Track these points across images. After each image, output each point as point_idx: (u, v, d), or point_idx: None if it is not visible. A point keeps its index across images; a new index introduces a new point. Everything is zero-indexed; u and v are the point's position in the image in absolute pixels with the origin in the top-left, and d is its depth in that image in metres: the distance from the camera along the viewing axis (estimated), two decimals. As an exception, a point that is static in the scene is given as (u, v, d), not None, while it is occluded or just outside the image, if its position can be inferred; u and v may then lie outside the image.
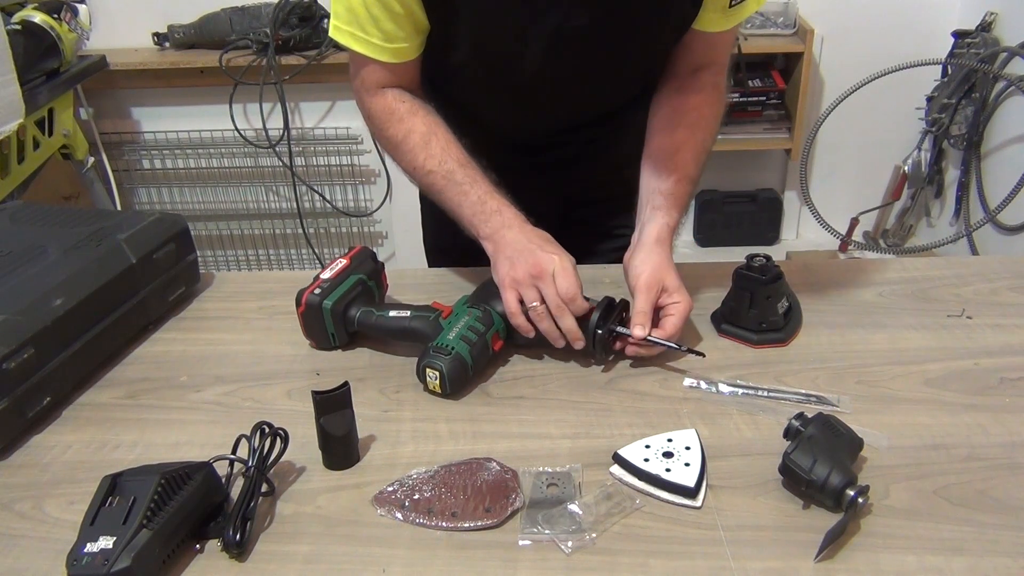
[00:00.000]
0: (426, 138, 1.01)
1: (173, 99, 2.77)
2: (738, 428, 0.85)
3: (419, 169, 1.02)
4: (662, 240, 0.98)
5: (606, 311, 0.94)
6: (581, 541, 0.72)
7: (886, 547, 0.70)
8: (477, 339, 0.92)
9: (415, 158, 1.02)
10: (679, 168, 1.02)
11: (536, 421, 0.88)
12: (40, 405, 0.89)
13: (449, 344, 0.91)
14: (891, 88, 2.51)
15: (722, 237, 2.99)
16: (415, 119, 1.02)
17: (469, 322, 0.93)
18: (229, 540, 0.71)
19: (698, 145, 1.04)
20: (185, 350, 1.03)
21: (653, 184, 1.02)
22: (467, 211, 0.99)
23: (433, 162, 1.00)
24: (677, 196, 1.01)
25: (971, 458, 0.80)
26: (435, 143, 1.01)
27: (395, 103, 1.03)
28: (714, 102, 1.07)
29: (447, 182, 1.00)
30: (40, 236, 1.04)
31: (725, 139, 2.70)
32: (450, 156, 1.00)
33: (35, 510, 0.78)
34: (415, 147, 1.02)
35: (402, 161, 1.05)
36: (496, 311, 0.96)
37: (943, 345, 0.98)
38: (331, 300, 0.98)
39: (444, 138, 1.02)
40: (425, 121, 1.03)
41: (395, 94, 1.04)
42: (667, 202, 1.00)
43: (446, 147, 1.01)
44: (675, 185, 1.01)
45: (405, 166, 1.05)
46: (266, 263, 3.05)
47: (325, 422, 0.80)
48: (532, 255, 0.93)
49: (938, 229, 2.83)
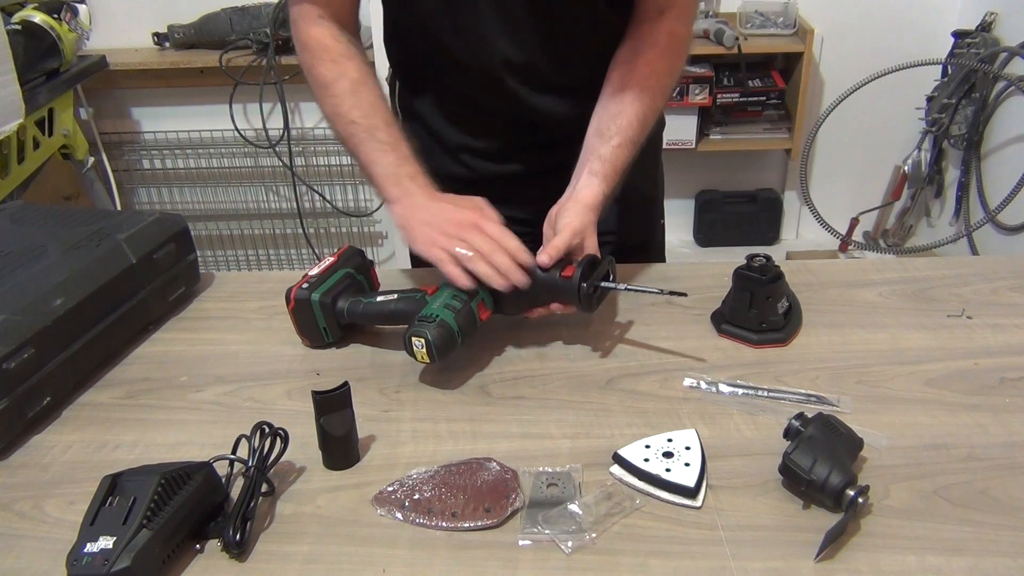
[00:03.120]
0: (356, 86, 1.00)
1: (173, 99, 2.77)
2: (738, 428, 0.85)
3: (342, 116, 1.01)
4: (595, 207, 0.97)
5: (589, 267, 0.93)
6: (581, 541, 0.72)
7: (886, 547, 0.70)
8: (461, 306, 0.92)
9: (340, 103, 1.00)
10: (622, 131, 1.00)
11: (536, 421, 0.88)
12: (40, 405, 0.89)
13: (433, 313, 0.91)
14: (891, 88, 2.51)
15: (722, 237, 2.99)
16: (349, 64, 1.02)
17: (452, 293, 0.94)
18: (229, 540, 0.71)
19: (645, 107, 1.01)
20: (185, 350, 1.03)
21: (595, 144, 1.01)
22: (380, 170, 0.99)
23: (358, 113, 1.00)
24: (616, 163, 0.99)
25: (971, 458, 0.80)
26: (364, 94, 1.00)
27: (331, 41, 1.02)
28: (670, 55, 1.03)
29: (368, 136, 0.99)
30: (40, 236, 1.04)
31: (725, 139, 2.71)
32: (377, 112, 1.00)
33: (35, 510, 0.78)
34: (343, 93, 1.00)
35: (326, 104, 1.03)
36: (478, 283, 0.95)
37: (943, 345, 0.98)
38: (319, 293, 0.98)
39: (374, 92, 1.01)
40: (359, 69, 1.02)
41: (333, 31, 1.03)
42: (605, 168, 0.99)
43: (375, 102, 1.00)
44: (616, 151, 0.99)
45: (328, 110, 1.03)
46: (266, 263, 3.05)
47: (325, 422, 0.80)
48: (448, 212, 0.94)
49: (938, 229, 2.83)
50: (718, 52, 2.53)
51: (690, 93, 2.59)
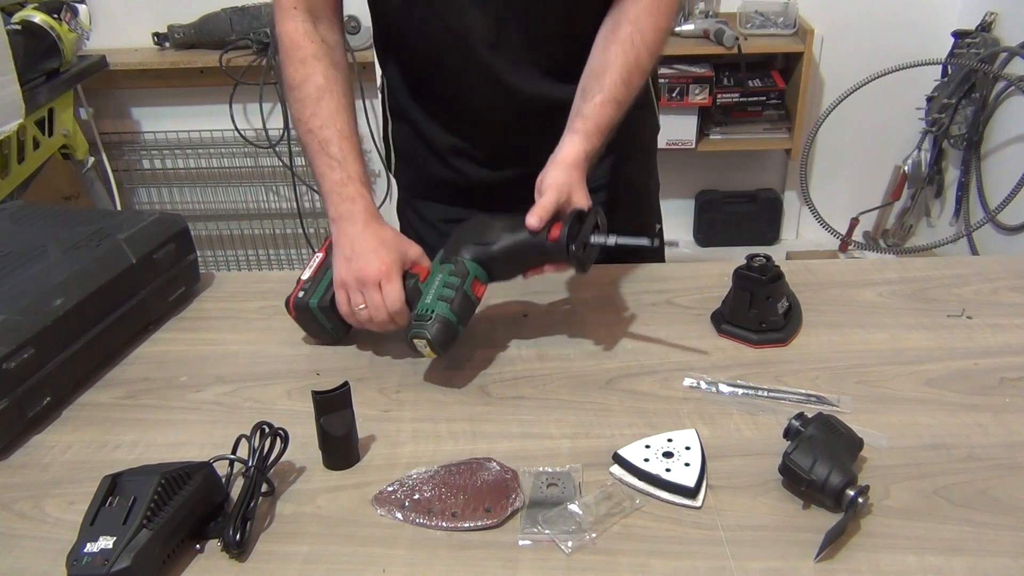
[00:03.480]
0: (320, 93, 0.99)
1: (173, 99, 2.77)
2: (738, 428, 0.85)
3: (302, 123, 1.00)
4: (578, 165, 0.95)
5: (575, 223, 0.91)
6: (581, 541, 0.72)
7: (886, 547, 0.70)
8: (455, 294, 0.92)
9: (303, 109, 1.00)
10: (605, 89, 0.97)
11: (536, 421, 0.88)
12: (40, 405, 0.89)
13: (428, 309, 0.91)
14: (891, 88, 2.51)
15: (722, 237, 2.99)
16: (317, 66, 1.00)
17: (444, 279, 0.93)
18: (229, 540, 0.71)
19: (629, 64, 0.98)
20: (185, 350, 1.03)
21: (578, 104, 0.99)
22: (326, 187, 0.98)
23: (316, 122, 0.98)
24: (599, 120, 0.97)
25: (971, 458, 0.80)
26: (327, 102, 0.99)
27: (303, 39, 1.01)
28: (655, 11, 1.01)
29: (320, 149, 0.98)
30: (40, 236, 1.04)
31: (725, 139, 2.71)
32: (334, 124, 0.98)
33: (35, 510, 0.78)
34: (306, 99, 0.99)
35: (291, 107, 1.03)
36: (468, 259, 0.95)
37: (943, 345, 0.98)
38: (316, 297, 0.98)
39: (337, 100, 1.00)
40: (326, 74, 1.00)
41: (306, 28, 1.01)
42: (586, 126, 0.96)
43: (335, 112, 0.99)
44: (598, 108, 0.97)
45: (292, 113, 1.03)
46: (266, 263, 3.05)
47: (325, 422, 0.80)
48: (362, 259, 0.93)
49: (938, 229, 2.83)
50: (718, 52, 2.53)
51: (690, 93, 2.59)
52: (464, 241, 0.96)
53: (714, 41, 2.53)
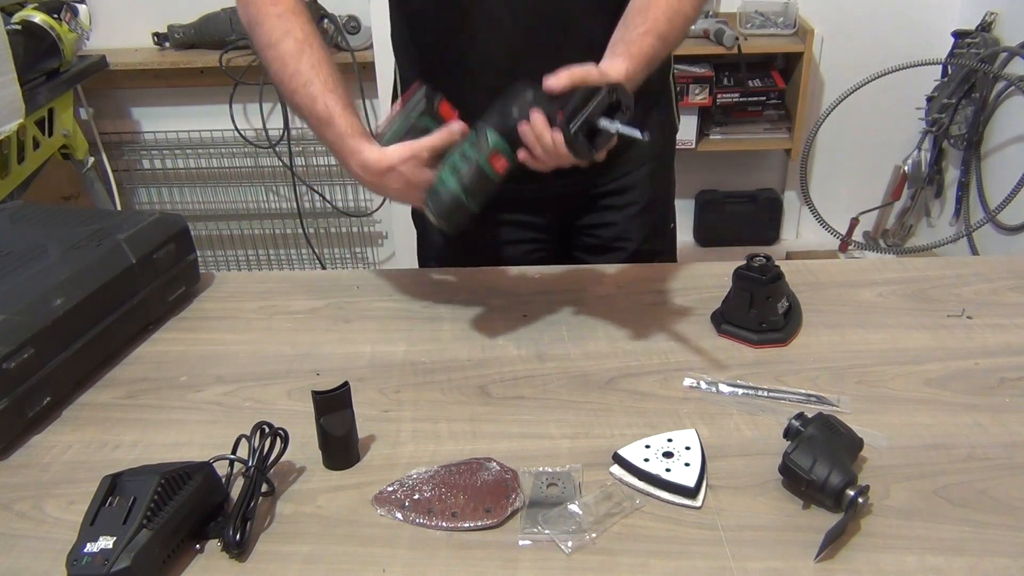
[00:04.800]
0: (300, 47, 0.97)
1: (173, 99, 2.77)
2: (738, 428, 0.85)
3: (285, 84, 0.98)
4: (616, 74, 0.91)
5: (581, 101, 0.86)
6: (581, 541, 0.72)
7: (886, 547, 0.70)
8: (467, 166, 0.90)
9: (283, 68, 0.97)
10: (649, 21, 0.95)
11: (536, 421, 0.88)
12: (40, 405, 0.89)
13: (440, 180, 0.90)
14: (891, 88, 2.51)
15: (722, 237, 2.99)
16: (295, 20, 0.98)
17: (462, 150, 0.91)
18: (229, 540, 0.71)
19: (672, 5, 0.97)
20: (185, 350, 1.03)
21: (620, 33, 0.97)
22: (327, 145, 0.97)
23: (299, 80, 0.96)
24: (641, 46, 0.94)
25: (971, 458, 0.80)
26: (307, 57, 0.97)
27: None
28: None
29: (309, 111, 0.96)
30: (40, 236, 1.04)
31: (725, 139, 2.71)
32: (317, 77, 0.96)
33: (35, 510, 0.78)
34: (287, 54, 0.97)
35: (270, 67, 1.00)
36: (490, 129, 0.90)
37: (943, 345, 0.98)
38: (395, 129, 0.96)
39: (318, 53, 0.97)
40: (304, 28, 0.98)
41: None
42: (629, 49, 0.94)
43: (316, 64, 0.97)
44: (641, 37, 0.95)
45: (272, 74, 1.00)
46: (266, 263, 3.05)
47: (325, 422, 0.80)
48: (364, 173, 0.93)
49: (938, 229, 2.83)
50: (718, 52, 2.52)
51: (690, 93, 2.59)
52: (494, 109, 0.92)
53: (714, 41, 2.53)
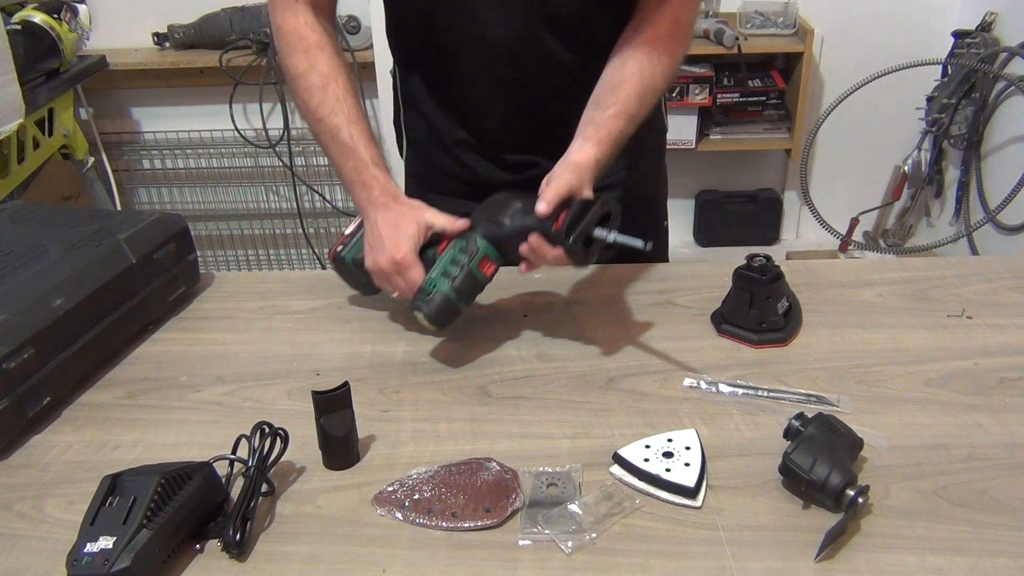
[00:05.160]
0: (325, 80, 1.00)
1: (173, 99, 2.77)
2: (738, 428, 0.85)
3: (311, 114, 1.01)
4: (588, 166, 0.94)
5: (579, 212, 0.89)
6: (581, 541, 0.72)
7: (886, 547, 0.70)
8: (459, 271, 0.93)
9: (310, 99, 1.01)
10: (619, 102, 0.98)
11: (536, 421, 0.88)
12: (40, 405, 0.89)
13: (431, 284, 0.94)
14: (891, 88, 2.51)
15: (722, 237, 2.99)
16: (320, 55, 1.01)
17: (452, 255, 0.95)
18: (229, 540, 0.71)
19: (644, 82, 1.00)
20: (185, 350, 1.03)
21: (591, 114, 1.00)
22: (343, 177, 1.01)
23: (324, 110, 0.99)
24: (611, 130, 0.97)
25: (971, 458, 0.80)
26: (332, 89, 1.00)
27: (306, 29, 1.01)
28: (672, 39, 1.03)
29: (331, 139, 1.00)
30: (40, 236, 1.04)
31: (725, 139, 2.71)
32: (342, 109, 0.99)
33: (35, 510, 0.78)
34: (312, 87, 1.00)
35: (297, 97, 1.03)
36: (479, 236, 0.95)
37: (943, 345, 0.98)
38: (351, 253, 1.03)
39: (343, 87, 1.00)
40: (329, 62, 1.01)
41: (308, 19, 1.02)
42: (599, 134, 0.97)
43: (341, 97, 1.00)
44: (611, 119, 0.98)
45: (299, 104, 1.04)
46: (266, 263, 3.05)
47: (325, 422, 0.80)
48: (380, 251, 0.96)
49: (938, 229, 2.83)
50: (718, 52, 2.53)
51: (690, 93, 2.59)
52: (481, 217, 0.97)
53: (714, 41, 2.53)
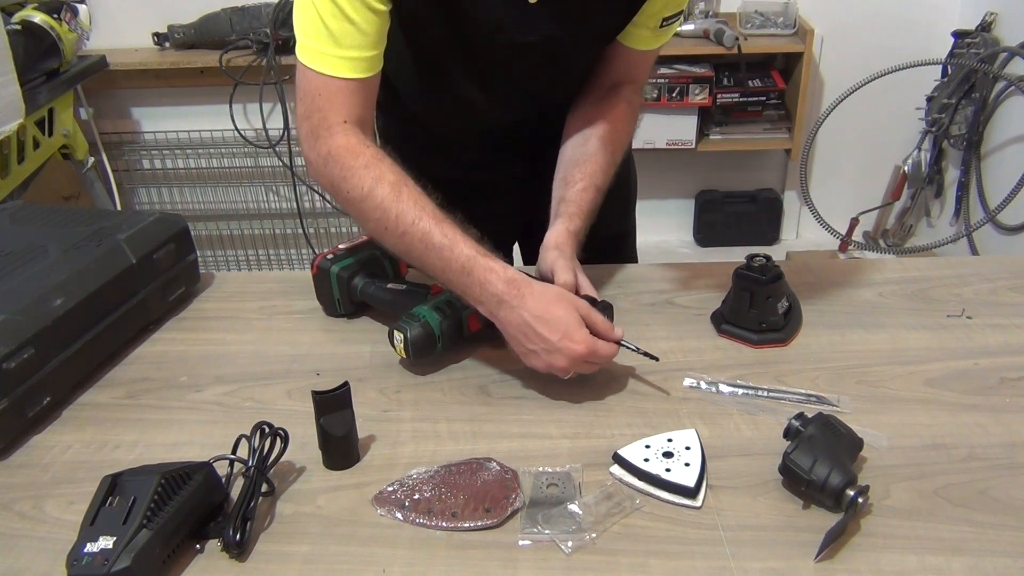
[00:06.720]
0: (397, 189, 0.91)
1: (173, 99, 2.77)
2: (738, 428, 0.85)
3: (390, 231, 0.91)
4: (562, 246, 0.97)
5: None
6: (581, 541, 0.72)
7: (886, 547, 0.70)
8: (451, 313, 0.95)
9: (385, 216, 0.91)
10: (587, 176, 1.04)
11: (536, 421, 0.88)
12: (40, 405, 0.89)
13: (421, 312, 0.94)
14: (891, 88, 2.51)
15: (722, 237, 2.99)
16: (382, 165, 0.92)
17: (448, 298, 0.96)
18: (229, 540, 0.71)
19: (608, 157, 1.06)
20: (185, 350, 1.03)
21: (560, 192, 1.05)
22: (453, 281, 0.91)
23: (406, 220, 0.90)
24: (580, 203, 1.02)
25: (971, 458, 0.80)
26: (407, 194, 0.91)
27: (360, 147, 0.93)
28: (629, 118, 1.11)
29: (425, 246, 0.90)
30: (40, 236, 1.04)
31: (725, 139, 2.71)
32: (424, 212, 0.90)
33: (35, 510, 0.78)
34: (384, 202, 0.91)
35: (367, 222, 0.93)
36: None
37: (943, 345, 0.98)
38: (339, 266, 1.03)
39: (417, 189, 0.92)
40: (393, 169, 0.93)
41: (359, 136, 0.95)
42: (569, 209, 1.02)
43: (419, 200, 0.91)
44: (580, 193, 1.03)
45: (373, 225, 0.93)
46: (266, 263, 3.05)
47: (325, 422, 0.80)
48: (559, 354, 0.86)
49: (938, 229, 2.83)
50: (718, 52, 2.53)
51: (690, 93, 2.59)
52: None
53: (714, 41, 2.53)
